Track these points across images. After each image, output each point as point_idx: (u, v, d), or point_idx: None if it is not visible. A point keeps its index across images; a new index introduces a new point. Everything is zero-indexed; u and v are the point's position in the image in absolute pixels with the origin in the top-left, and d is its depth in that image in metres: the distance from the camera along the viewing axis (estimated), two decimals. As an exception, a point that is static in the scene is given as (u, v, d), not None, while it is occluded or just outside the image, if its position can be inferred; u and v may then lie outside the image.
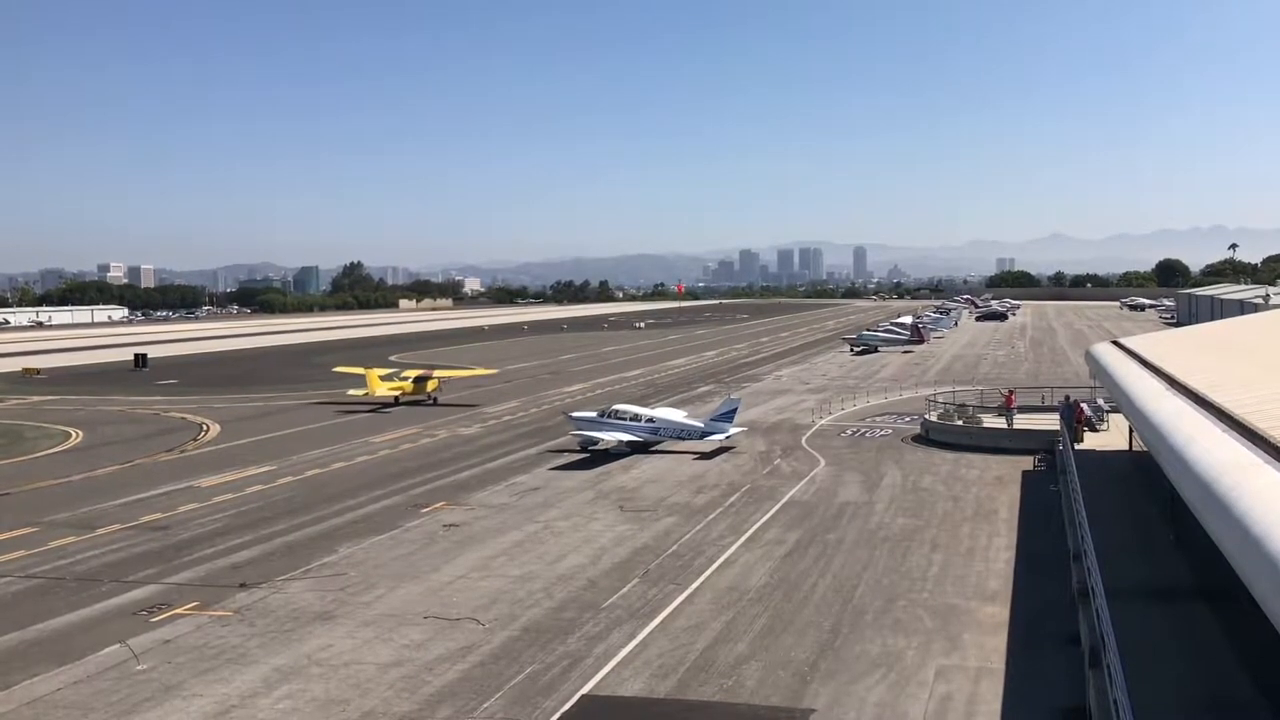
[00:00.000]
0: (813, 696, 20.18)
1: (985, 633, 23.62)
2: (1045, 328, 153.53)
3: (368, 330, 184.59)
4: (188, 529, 35.32)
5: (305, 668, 22.25)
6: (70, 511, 38.32)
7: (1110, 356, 36.80)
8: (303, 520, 36.38)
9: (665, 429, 49.91)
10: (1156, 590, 22.03)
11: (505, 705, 20.07)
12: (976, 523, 34.25)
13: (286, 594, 27.65)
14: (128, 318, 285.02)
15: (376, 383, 68.94)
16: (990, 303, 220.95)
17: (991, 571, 28.61)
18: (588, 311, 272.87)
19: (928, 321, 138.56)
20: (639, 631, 24.10)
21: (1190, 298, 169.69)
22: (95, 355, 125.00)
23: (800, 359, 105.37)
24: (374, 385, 68.56)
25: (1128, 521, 28.16)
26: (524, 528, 34.63)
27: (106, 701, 20.61)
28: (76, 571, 30.24)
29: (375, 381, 68.94)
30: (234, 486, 42.69)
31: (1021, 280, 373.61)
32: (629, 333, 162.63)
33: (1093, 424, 44.61)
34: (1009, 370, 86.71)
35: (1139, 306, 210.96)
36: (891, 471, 43.31)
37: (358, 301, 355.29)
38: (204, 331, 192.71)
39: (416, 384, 70.55)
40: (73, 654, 23.29)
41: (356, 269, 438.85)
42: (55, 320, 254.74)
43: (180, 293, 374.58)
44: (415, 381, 70.67)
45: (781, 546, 31.55)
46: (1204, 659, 18.31)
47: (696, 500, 38.49)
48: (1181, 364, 28.06)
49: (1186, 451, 17.11)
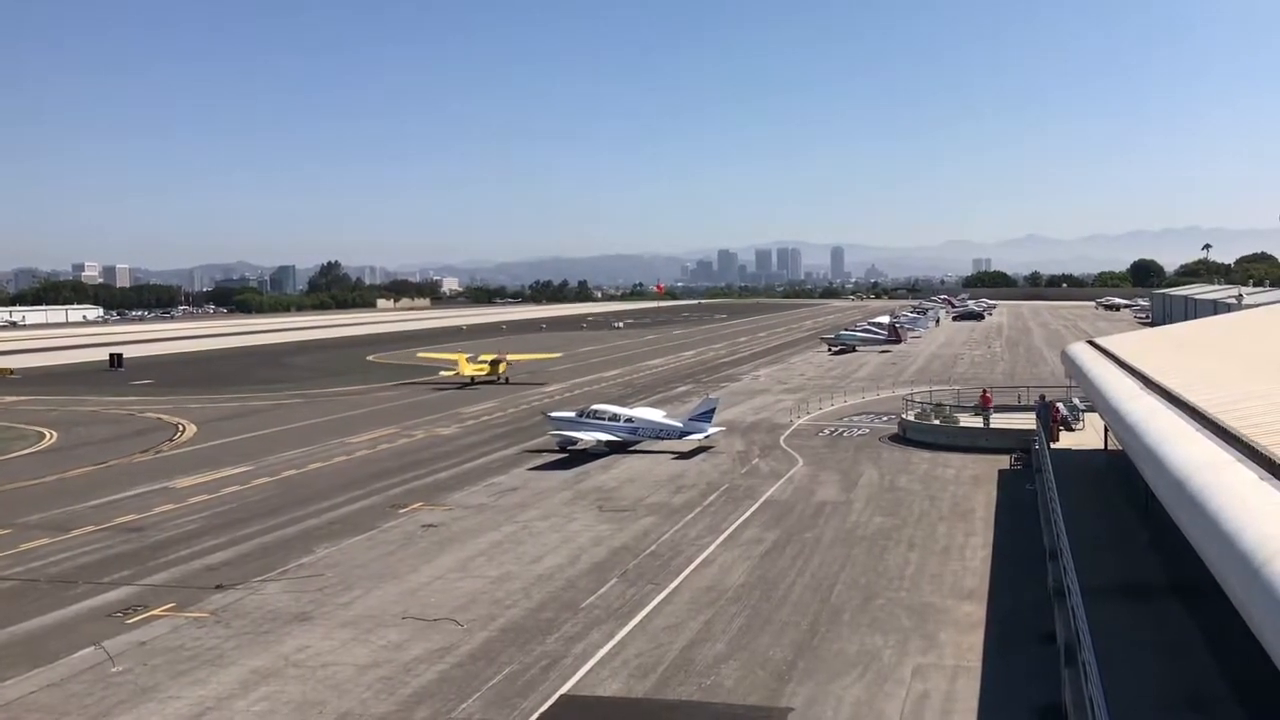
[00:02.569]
0: (790, 695, 20.25)
1: (962, 631, 23.75)
2: (1021, 328, 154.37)
3: (345, 330, 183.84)
4: (163, 530, 35.10)
5: (282, 669, 22.16)
6: (44, 513, 38.01)
7: (1086, 356, 37.00)
8: (279, 521, 36.21)
9: (644, 429, 49.93)
10: (1131, 587, 22.16)
11: (484, 706, 20.04)
12: (953, 522, 34.43)
13: (263, 595, 27.52)
14: (103, 318, 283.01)
15: (465, 365, 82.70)
16: (967, 303, 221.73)
17: (968, 570, 28.78)
18: (566, 311, 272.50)
19: (905, 321, 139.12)
20: (617, 631, 24.11)
21: (1165, 298, 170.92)
22: (70, 355, 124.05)
23: (778, 359, 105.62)
24: (463, 367, 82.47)
25: (1103, 520, 28.32)
26: (502, 528, 34.58)
27: (81, 704, 20.46)
28: (51, 573, 30.00)
29: (464, 364, 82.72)
30: (210, 487, 42.44)
31: (998, 280, 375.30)
32: (607, 333, 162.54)
33: (1068, 423, 44.84)
34: (985, 370, 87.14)
35: (1114, 306, 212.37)
36: (869, 471, 43.47)
37: (335, 301, 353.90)
38: (180, 331, 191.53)
39: (491, 366, 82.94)
40: (47, 656, 23.12)
41: (334, 269, 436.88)
42: (29, 320, 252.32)
43: (156, 292, 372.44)
44: (490, 364, 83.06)
45: (760, 546, 31.63)
46: (1178, 655, 18.44)
47: (675, 500, 38.53)
48: (1156, 363, 28.26)
49: (1161, 450, 17.24)
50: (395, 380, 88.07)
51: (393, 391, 79.65)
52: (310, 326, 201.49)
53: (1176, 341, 41.21)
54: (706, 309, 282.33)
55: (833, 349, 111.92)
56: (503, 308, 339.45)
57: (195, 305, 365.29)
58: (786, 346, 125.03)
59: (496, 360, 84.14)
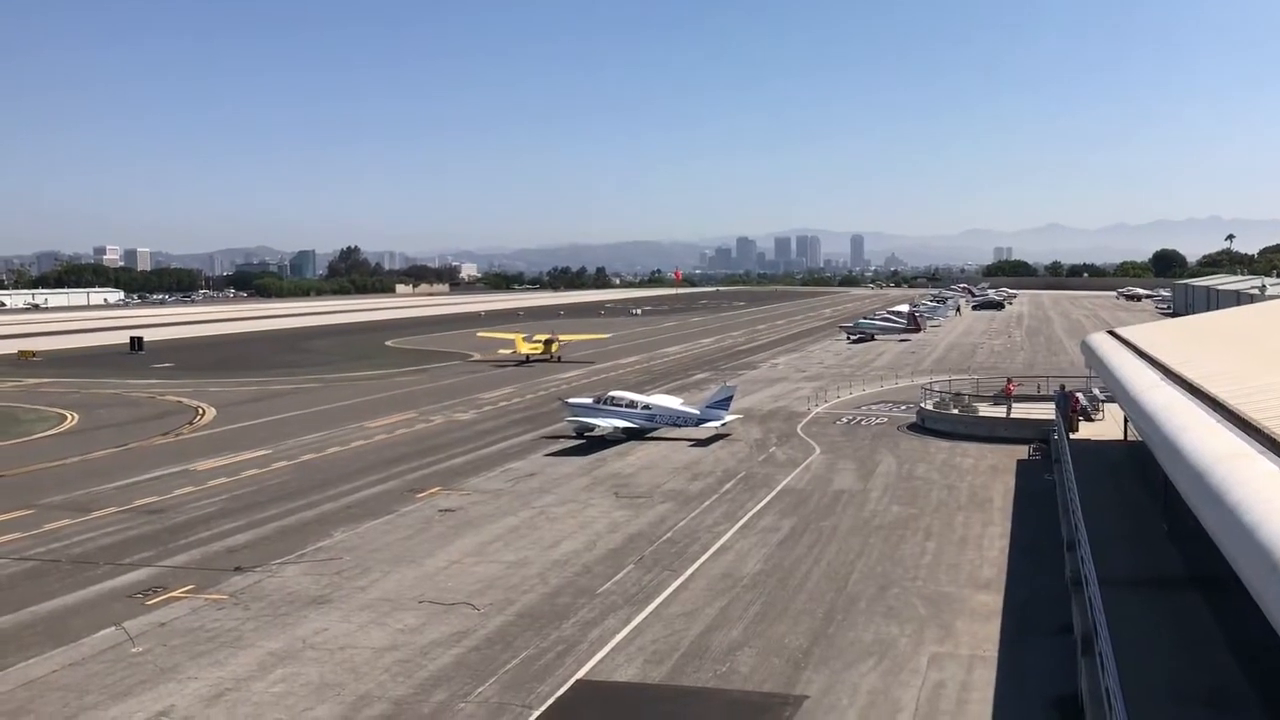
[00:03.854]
0: (806, 683, 20.26)
1: (978, 621, 23.70)
2: (1041, 317, 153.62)
3: (364, 315, 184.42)
4: (183, 512, 35.35)
5: (300, 651, 22.31)
6: (65, 494, 38.34)
7: (1106, 346, 36.79)
8: (298, 504, 36.41)
9: (661, 415, 49.95)
10: (1149, 579, 22.07)
11: (500, 690, 20.13)
12: (971, 511, 34.34)
13: (282, 578, 27.69)
14: (123, 301, 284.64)
15: (522, 344, 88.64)
16: (987, 292, 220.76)
17: (985, 560, 28.70)
18: (584, 298, 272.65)
19: (924, 310, 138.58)
20: (634, 617, 24.16)
21: (1187, 288, 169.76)
22: (91, 338, 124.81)
23: (796, 347, 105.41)
24: (520, 346, 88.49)
25: (1121, 511, 28.20)
26: (519, 513, 34.68)
27: (102, 684, 20.66)
28: (72, 554, 30.27)
29: (521, 343, 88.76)
30: (229, 470, 42.70)
31: (1018, 269, 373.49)
32: (625, 319, 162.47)
33: (1088, 413, 44.65)
34: (1005, 359, 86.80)
35: (1135, 296, 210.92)
36: (886, 460, 43.37)
37: (354, 286, 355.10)
38: (200, 315, 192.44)
39: (545, 346, 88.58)
40: (68, 636, 23.34)
41: (353, 254, 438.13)
42: (51, 303, 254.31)
43: (176, 276, 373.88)
44: (544, 344, 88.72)
45: (776, 533, 31.62)
46: (1196, 648, 18.36)
47: (691, 487, 38.54)
48: (1177, 354, 28.08)
49: (1180, 441, 17.12)
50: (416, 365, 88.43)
51: (414, 376, 79.87)
52: (329, 311, 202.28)
53: (1198, 332, 40.94)
54: (725, 296, 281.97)
55: (851, 337, 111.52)
56: (520, 294, 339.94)
57: (215, 289, 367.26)
58: (805, 334, 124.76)
59: (550, 340, 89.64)
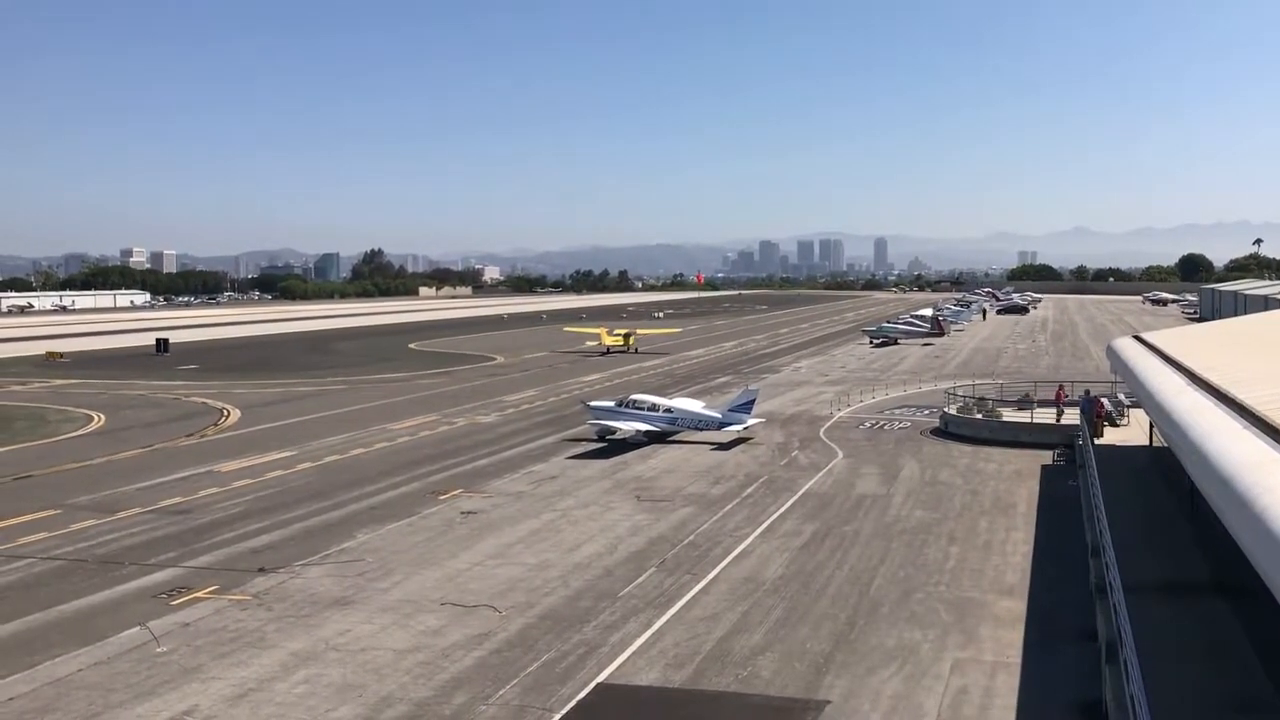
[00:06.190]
0: (828, 688, 20.20)
1: (1002, 626, 23.57)
2: (1066, 321, 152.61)
3: (388, 317, 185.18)
4: (208, 513, 35.59)
5: (323, 652, 22.41)
6: (92, 494, 38.67)
7: (1131, 351, 36.57)
8: (321, 506, 36.59)
9: (683, 419, 49.91)
10: (1174, 586, 21.92)
11: (521, 692, 20.16)
12: (994, 516, 34.15)
13: (305, 579, 27.84)
14: (149, 303, 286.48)
15: (605, 336, 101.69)
16: (1011, 296, 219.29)
17: (1009, 565, 28.53)
18: (607, 301, 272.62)
19: (948, 314, 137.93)
20: (655, 621, 24.16)
21: (1214, 293, 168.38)
22: (117, 340, 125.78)
23: (819, 350, 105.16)
24: (604, 339, 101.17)
25: (1147, 517, 28.02)
26: (541, 516, 34.73)
27: (126, 683, 20.82)
28: (98, 554, 30.53)
29: (605, 336, 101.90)
30: (254, 472, 42.95)
31: (1043, 273, 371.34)
32: (647, 322, 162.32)
33: (1113, 419, 44.33)
34: (1029, 364, 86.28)
35: (1161, 301, 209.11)
36: (910, 464, 43.20)
37: (378, 289, 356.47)
38: (225, 317, 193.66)
39: (625, 339, 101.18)
40: (94, 635, 23.54)
41: (377, 256, 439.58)
42: (78, 304, 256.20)
43: (202, 278, 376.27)
44: (624, 337, 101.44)
45: (798, 538, 31.54)
46: (1222, 656, 18.22)
47: (713, 491, 38.50)
48: (1203, 360, 27.86)
49: (1206, 447, 17.00)
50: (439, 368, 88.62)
51: (437, 378, 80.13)
52: (353, 313, 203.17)
53: (1224, 337, 40.61)
54: (747, 300, 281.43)
55: (874, 341, 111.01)
56: (543, 296, 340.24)
57: (240, 291, 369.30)
58: (828, 338, 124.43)
59: (628, 334, 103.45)
